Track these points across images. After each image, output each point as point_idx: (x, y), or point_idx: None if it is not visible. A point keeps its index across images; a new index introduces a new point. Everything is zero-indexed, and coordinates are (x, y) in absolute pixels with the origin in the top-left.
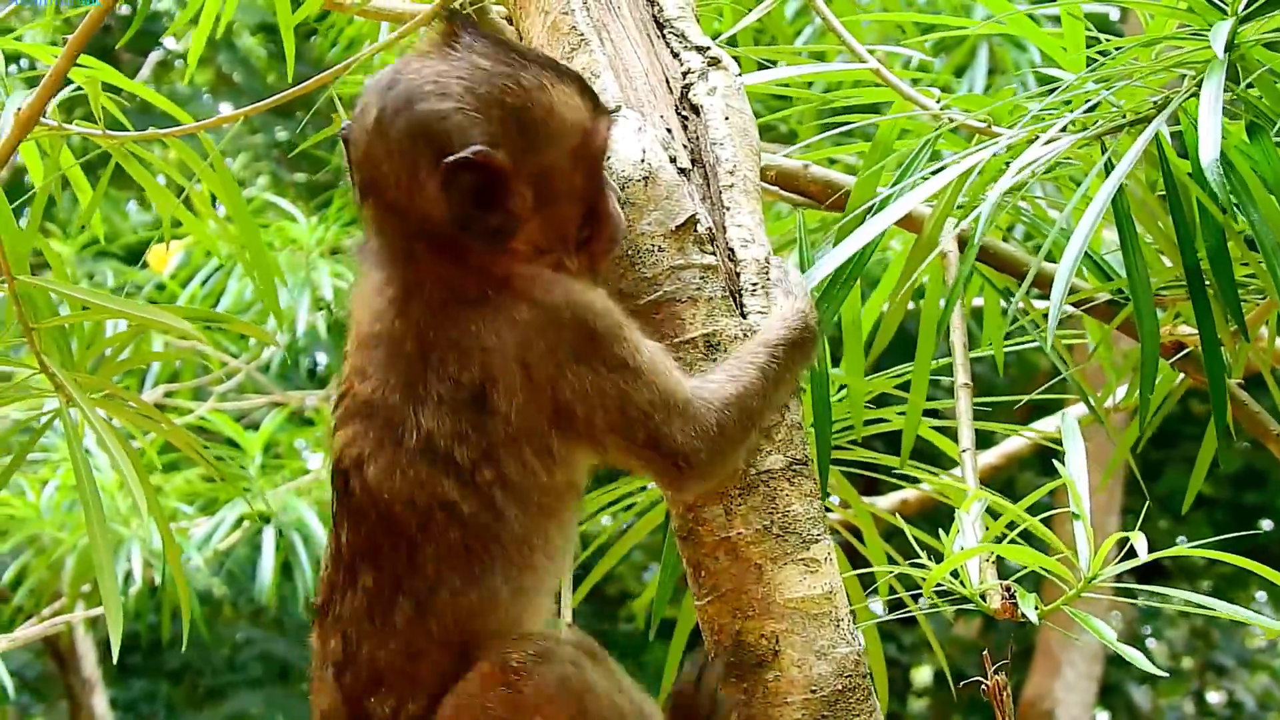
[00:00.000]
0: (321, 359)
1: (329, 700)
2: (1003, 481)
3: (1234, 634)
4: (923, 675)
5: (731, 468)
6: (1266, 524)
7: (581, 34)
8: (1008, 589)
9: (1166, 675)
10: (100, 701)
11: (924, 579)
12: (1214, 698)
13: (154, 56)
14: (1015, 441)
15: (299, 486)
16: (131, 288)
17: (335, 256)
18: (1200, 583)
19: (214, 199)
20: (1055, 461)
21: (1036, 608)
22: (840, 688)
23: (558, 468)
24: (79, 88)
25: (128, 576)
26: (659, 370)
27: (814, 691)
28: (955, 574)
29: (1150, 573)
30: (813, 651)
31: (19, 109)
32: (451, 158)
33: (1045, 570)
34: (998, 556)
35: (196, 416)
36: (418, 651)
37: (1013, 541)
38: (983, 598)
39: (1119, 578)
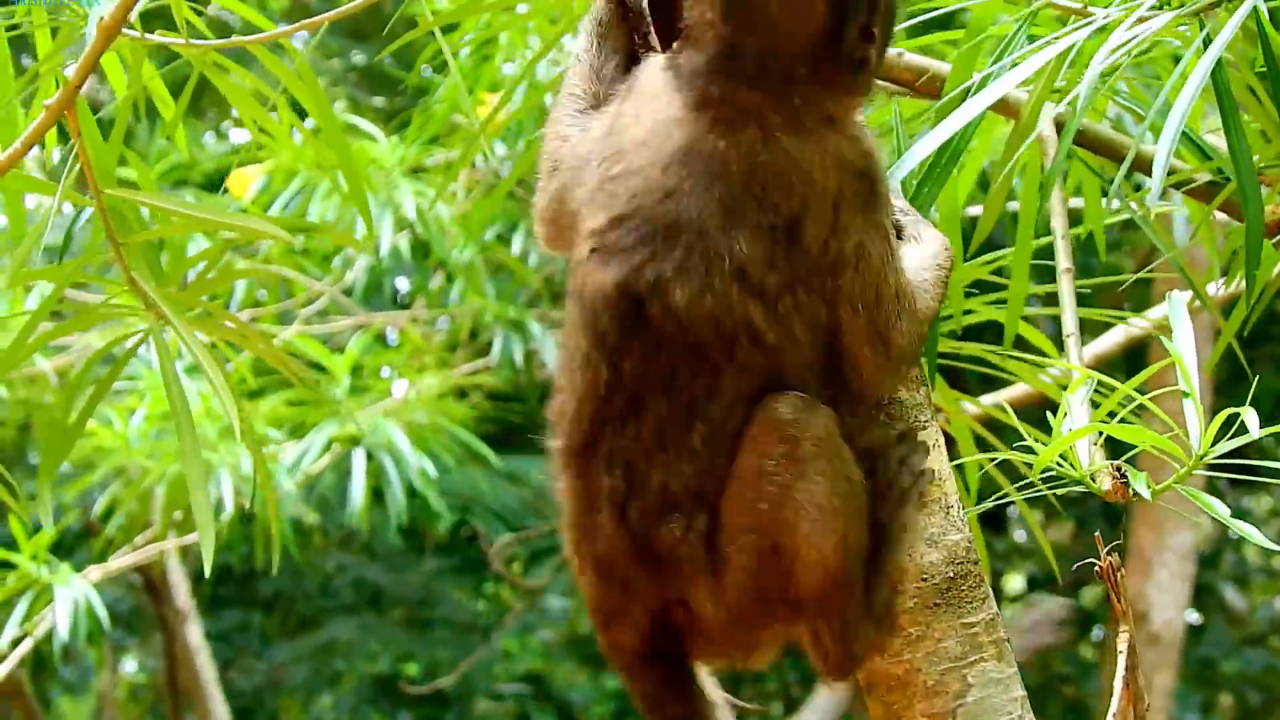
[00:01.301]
0: (403, 285)
1: (606, 541)
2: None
3: None
4: (1014, 583)
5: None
6: None
7: None
8: (1119, 469)
9: (1278, 548)
10: (194, 632)
11: (1030, 465)
12: None
13: None
14: (1104, 343)
15: (386, 408)
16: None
17: (416, 176)
18: None
19: (301, 116)
20: (1163, 339)
21: (1149, 486)
22: (952, 575)
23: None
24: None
25: (218, 504)
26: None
27: (925, 580)
28: (1063, 460)
29: (1246, 473)
30: (923, 539)
31: (101, 18)
32: None
33: (1157, 450)
34: (1105, 440)
35: (282, 341)
36: (710, 471)
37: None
38: (1092, 480)
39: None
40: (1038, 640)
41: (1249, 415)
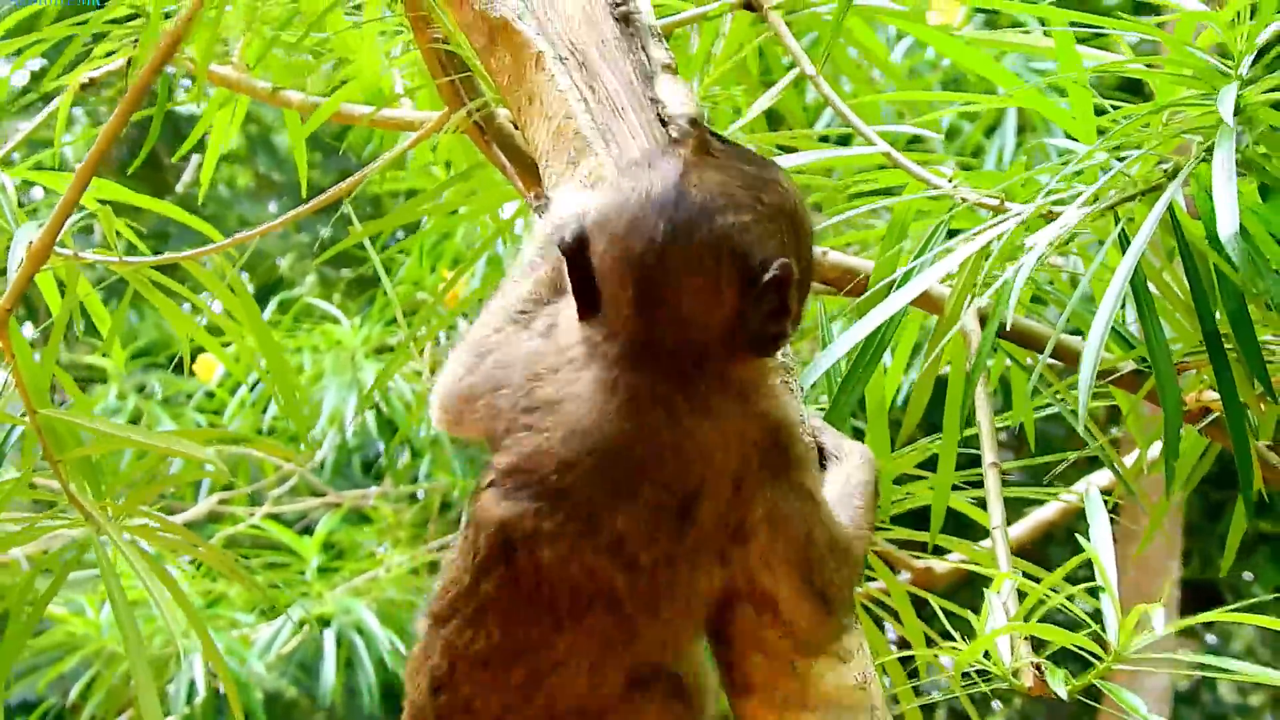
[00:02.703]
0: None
1: (416, 701)
2: (1063, 532)
3: None
4: None
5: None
6: None
7: (586, 138)
8: (1038, 666)
9: None
10: None
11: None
12: None
13: (196, 159)
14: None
15: (357, 587)
16: (181, 397)
17: (380, 355)
18: (1270, 614)
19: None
20: (1079, 537)
21: (1066, 684)
22: None
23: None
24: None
25: (191, 686)
26: (833, 512)
27: None
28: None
29: (1215, 604)
30: None
31: (30, 243)
32: (769, 274)
33: (1077, 647)
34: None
35: (248, 525)
36: (514, 710)
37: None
38: (1015, 676)
39: (1184, 615)
40: None
41: (1156, 612)
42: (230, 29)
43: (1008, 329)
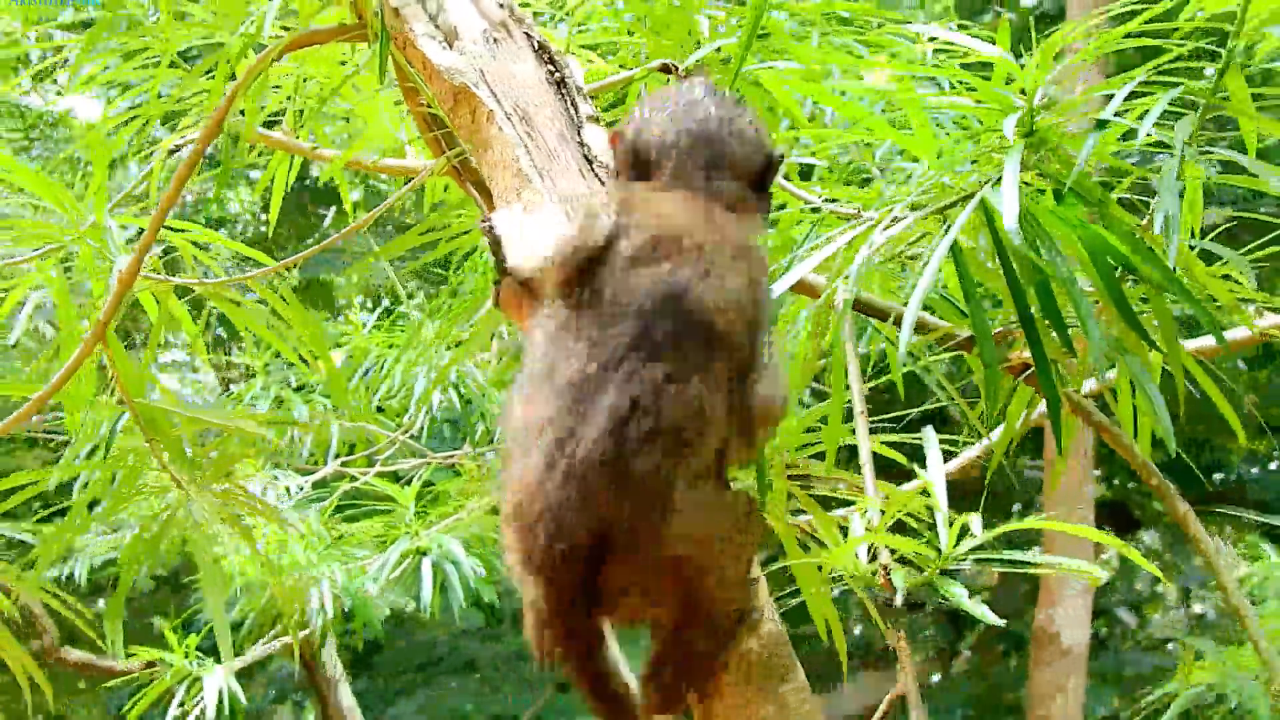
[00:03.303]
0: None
1: (589, 448)
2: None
3: (1198, 563)
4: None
5: None
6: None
7: (527, 176)
8: (885, 569)
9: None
10: (345, 694)
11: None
12: (1194, 609)
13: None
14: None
15: (447, 525)
16: (310, 384)
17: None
18: (1160, 525)
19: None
20: (916, 467)
21: (906, 581)
22: (766, 655)
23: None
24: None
25: (321, 607)
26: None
27: (746, 661)
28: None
29: (1131, 524)
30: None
31: (121, 271)
32: (778, 152)
33: (916, 554)
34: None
35: (364, 481)
36: (692, 417)
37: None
38: (872, 575)
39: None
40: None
41: (974, 520)
42: (273, 105)
43: (855, 302)
